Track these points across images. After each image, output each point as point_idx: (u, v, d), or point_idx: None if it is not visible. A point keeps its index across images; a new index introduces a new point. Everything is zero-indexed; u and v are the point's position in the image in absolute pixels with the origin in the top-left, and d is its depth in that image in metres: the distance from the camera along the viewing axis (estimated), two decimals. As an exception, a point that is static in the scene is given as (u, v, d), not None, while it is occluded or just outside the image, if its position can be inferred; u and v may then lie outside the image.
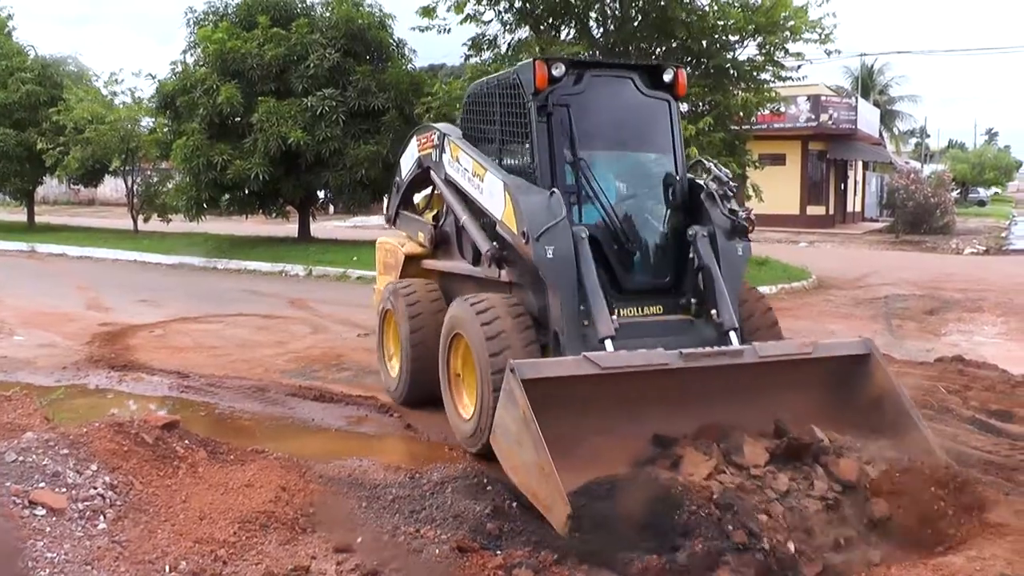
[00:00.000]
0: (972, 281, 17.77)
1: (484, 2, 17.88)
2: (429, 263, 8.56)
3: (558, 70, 6.51)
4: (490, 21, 18.33)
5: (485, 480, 5.83)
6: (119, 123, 27.19)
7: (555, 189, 6.26)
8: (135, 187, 28.80)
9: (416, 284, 8.12)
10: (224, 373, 9.40)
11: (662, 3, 17.10)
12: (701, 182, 6.85)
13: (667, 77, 6.96)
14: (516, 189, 6.43)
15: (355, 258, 20.07)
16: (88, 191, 46.48)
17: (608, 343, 5.79)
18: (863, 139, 41.37)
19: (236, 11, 23.82)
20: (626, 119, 7.01)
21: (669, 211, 6.95)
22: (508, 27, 18.41)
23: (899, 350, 10.53)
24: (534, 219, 6.14)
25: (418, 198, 9.34)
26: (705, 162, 6.97)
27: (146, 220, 28.39)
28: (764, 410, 5.79)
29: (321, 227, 28.66)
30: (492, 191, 6.78)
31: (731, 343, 6.11)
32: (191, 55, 23.74)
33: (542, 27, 18.44)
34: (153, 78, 24.61)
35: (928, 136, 78.77)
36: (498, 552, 4.83)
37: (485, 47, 18.77)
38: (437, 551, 4.82)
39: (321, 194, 25.25)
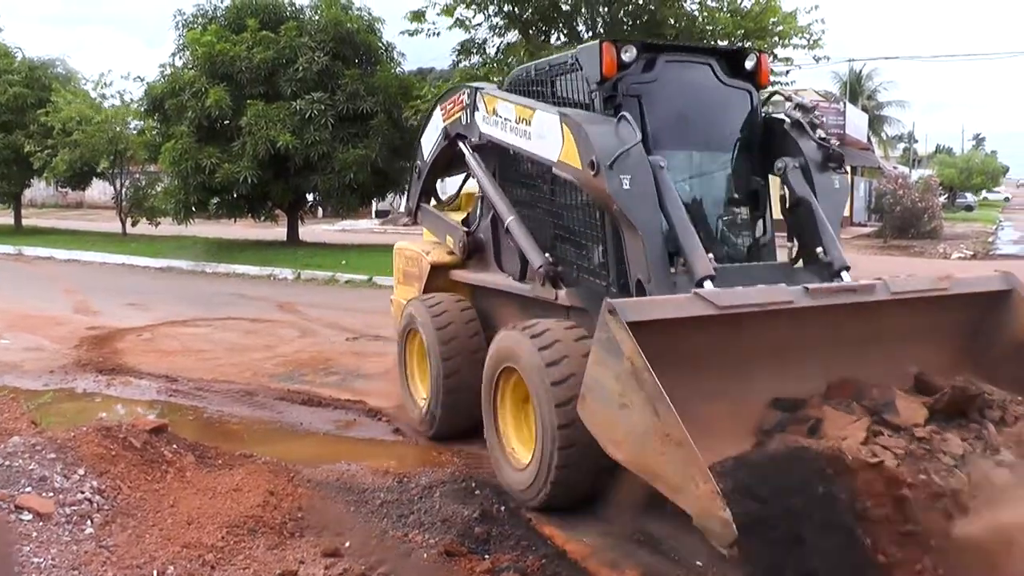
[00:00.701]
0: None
1: (473, 7, 17.92)
2: (460, 275, 7.44)
3: (628, 54, 5.51)
4: (479, 25, 18.39)
5: (473, 484, 5.86)
6: (107, 125, 27.12)
7: (625, 114, 5.24)
8: (123, 190, 28.71)
9: (446, 301, 7.09)
10: (212, 377, 9.37)
11: (651, 7, 17.18)
12: (781, 115, 6.04)
13: (749, 64, 5.99)
14: (575, 116, 5.43)
15: (344, 262, 20.06)
16: (76, 194, 46.32)
17: (708, 284, 4.81)
18: (851, 144, 41.40)
19: (225, 14, 23.83)
20: (704, 112, 5.96)
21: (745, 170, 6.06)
22: (497, 31, 18.48)
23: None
24: (603, 145, 5.10)
25: (444, 194, 8.50)
26: (782, 92, 6.08)
27: (134, 223, 28.29)
28: (894, 358, 4.95)
29: (310, 231, 28.61)
30: (544, 131, 5.73)
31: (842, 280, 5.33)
32: (180, 58, 23.77)
33: (531, 31, 18.51)
34: (142, 80, 24.60)
35: (916, 141, 79.15)
36: (486, 556, 4.85)
37: (474, 51, 18.83)
38: (425, 555, 4.84)
39: (310, 198, 25.25)
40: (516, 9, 17.80)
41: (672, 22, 17.20)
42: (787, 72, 18.83)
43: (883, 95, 64.34)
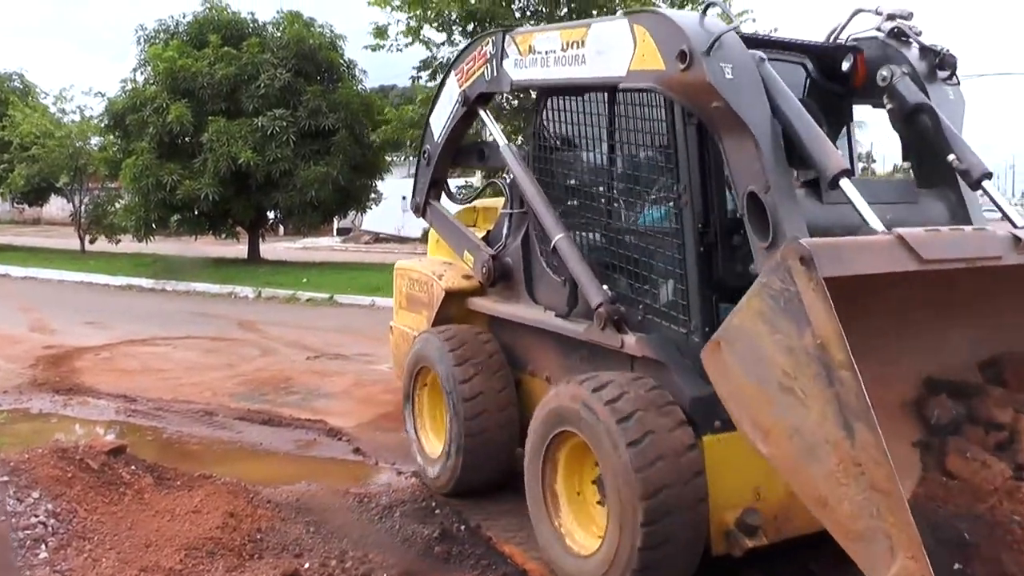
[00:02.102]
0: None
1: (434, 25, 17.99)
2: (481, 304, 6.34)
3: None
4: (441, 44, 18.45)
5: (433, 504, 5.88)
6: (68, 140, 26.86)
7: (715, 0, 4.36)
8: (83, 206, 28.41)
9: (464, 334, 6.06)
10: (172, 397, 9.29)
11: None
12: (872, 31, 5.01)
13: (846, 65, 4.97)
14: (653, 11, 4.55)
15: (305, 280, 19.97)
16: (33, 210, 45.64)
17: (849, 187, 3.89)
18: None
19: (187, 29, 23.76)
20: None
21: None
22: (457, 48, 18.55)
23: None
24: (695, 31, 4.11)
25: (456, 207, 7.23)
26: (863, 8, 5.01)
27: (92, 240, 27.99)
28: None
29: (271, 248, 28.45)
30: (605, 44, 4.72)
31: (991, 198, 4.56)
32: (141, 73, 23.61)
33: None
34: (103, 96, 24.41)
35: (874, 161, 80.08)
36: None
37: (438, 69, 18.91)
38: (385, 575, 4.83)
39: (271, 215, 25.15)
40: (479, 28, 17.87)
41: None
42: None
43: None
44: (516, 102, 16.50)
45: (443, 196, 7.21)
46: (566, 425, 4.64)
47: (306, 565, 4.90)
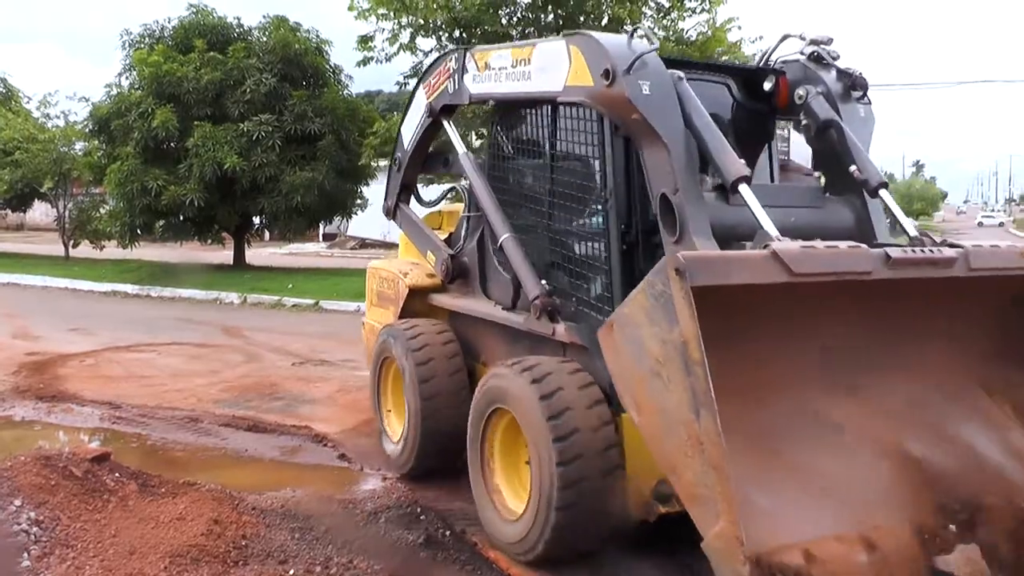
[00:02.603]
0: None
1: (422, 33, 18.02)
2: (441, 300, 6.92)
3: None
4: (429, 51, 18.47)
5: (418, 509, 5.88)
6: (51, 145, 26.76)
7: (639, 26, 4.92)
8: (67, 212, 28.29)
9: (424, 328, 6.60)
10: (157, 403, 9.26)
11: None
12: (795, 54, 5.58)
13: (767, 85, 5.53)
14: (586, 34, 4.98)
15: (290, 285, 19.95)
16: (16, 215, 45.53)
17: (747, 192, 4.39)
18: (795, 170, 41.91)
19: (172, 34, 23.76)
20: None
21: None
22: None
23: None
24: (618, 52, 4.63)
25: (423, 211, 7.77)
26: (790, 34, 5.64)
27: (75, 245, 27.89)
28: (938, 325, 4.47)
29: (256, 254, 28.41)
30: (547, 62, 5.25)
31: (888, 205, 5.07)
32: (126, 78, 23.58)
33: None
34: (87, 101, 24.35)
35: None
36: (431, 582, 4.87)
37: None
38: (370, 582, 4.84)
39: (256, 220, 25.11)
40: (465, 35, 17.91)
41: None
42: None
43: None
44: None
45: (412, 200, 7.74)
46: (499, 403, 5.24)
47: (291, 572, 4.90)
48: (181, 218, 22.77)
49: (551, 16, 18.04)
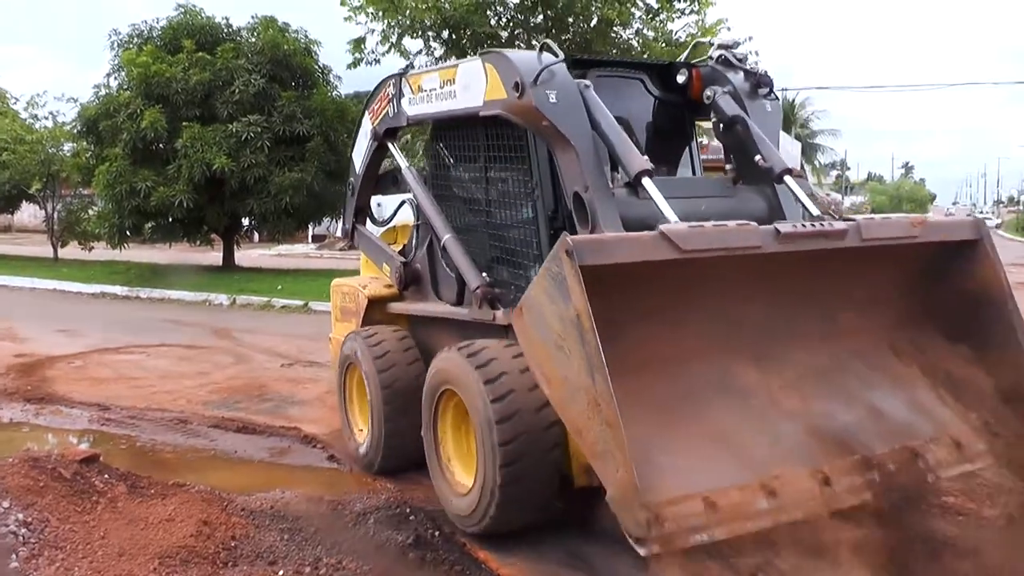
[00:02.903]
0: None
1: (410, 34, 18.04)
2: (398, 307, 7.25)
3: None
4: (418, 52, 18.49)
5: (407, 510, 5.89)
6: (39, 146, 26.66)
7: (547, 41, 5.29)
8: (55, 213, 28.19)
9: (382, 332, 6.91)
10: (146, 405, 9.25)
11: (588, 37, 17.42)
12: (705, 59, 6.11)
13: (681, 78, 6.07)
14: (497, 52, 5.49)
15: (279, 287, 19.93)
16: (4, 217, 45.37)
17: (649, 184, 4.82)
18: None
19: (161, 35, 23.64)
20: (638, 129, 6.04)
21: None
22: (436, 60, 18.59)
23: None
24: (525, 66, 5.12)
25: (379, 230, 8.02)
26: (700, 40, 6.42)
27: (63, 245, 27.80)
28: (845, 297, 4.89)
29: (245, 255, 28.36)
30: (468, 80, 5.73)
31: (792, 191, 5.40)
32: (115, 78, 23.49)
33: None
34: (75, 102, 24.26)
35: (848, 168, 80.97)
36: (420, 582, 4.89)
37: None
38: (359, 583, 4.85)
39: (245, 222, 25.05)
40: (454, 36, 17.93)
41: (608, 51, 17.46)
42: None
43: (816, 124, 65.84)
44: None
45: (368, 221, 8.10)
46: (448, 384, 5.61)
47: (280, 572, 4.91)
48: (170, 219, 22.69)
49: (540, 17, 18.08)
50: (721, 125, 5.76)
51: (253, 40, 23.36)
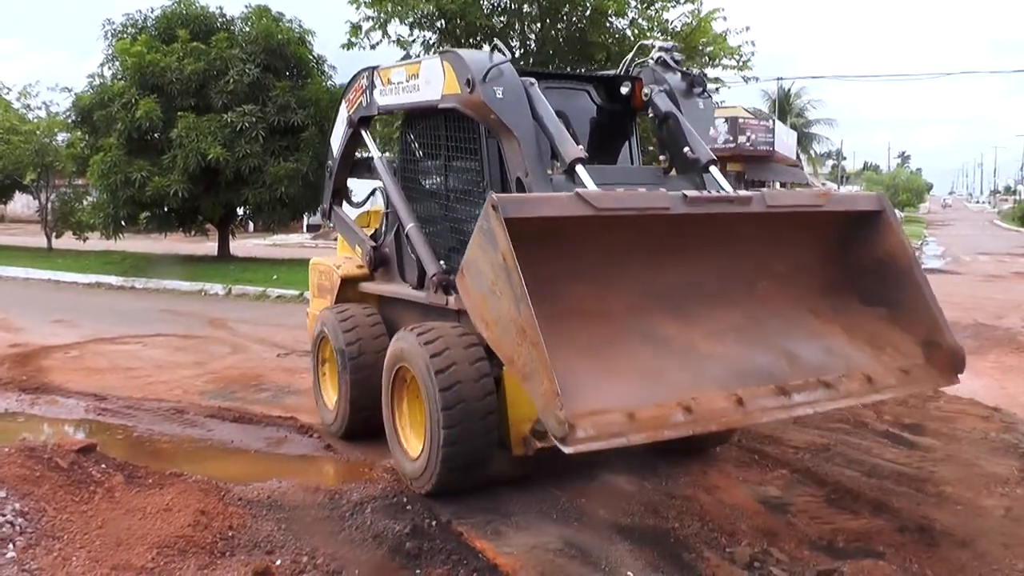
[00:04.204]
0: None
1: (407, 24, 17.99)
2: (368, 287, 7.85)
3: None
4: (413, 42, 18.45)
5: (404, 499, 5.90)
6: (33, 136, 26.56)
7: (497, 43, 5.95)
8: (49, 203, 28.11)
9: (353, 309, 7.52)
10: (142, 395, 9.25)
11: (582, 26, 17.38)
12: (645, 60, 6.74)
13: (624, 89, 6.71)
14: (453, 50, 6.13)
15: (275, 276, 19.90)
16: (-3, 207, 45.24)
17: (581, 170, 5.44)
18: (780, 160, 42.35)
19: (155, 24, 23.55)
20: (583, 134, 6.57)
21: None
22: (431, 49, 18.56)
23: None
24: (476, 65, 5.78)
25: (355, 212, 8.72)
26: (645, 43, 7.04)
27: (58, 237, 27.74)
28: (764, 265, 5.57)
29: (240, 245, 28.32)
30: (430, 75, 6.33)
31: (716, 180, 5.96)
32: (109, 68, 23.40)
33: (463, 47, 18.63)
34: (70, 91, 24.16)
35: (844, 158, 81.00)
36: (417, 571, 4.91)
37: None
38: (356, 572, 4.87)
39: (240, 211, 24.98)
40: (448, 25, 17.88)
41: (603, 40, 17.43)
42: (716, 91, 19.16)
43: (811, 113, 65.79)
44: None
45: (344, 203, 8.81)
46: (402, 362, 6.15)
47: (277, 562, 4.92)
48: (165, 209, 22.63)
49: (534, 7, 18.03)
50: (656, 120, 6.37)
51: (247, 30, 23.27)
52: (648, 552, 5.17)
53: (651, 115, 6.44)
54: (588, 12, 17.78)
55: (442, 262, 6.53)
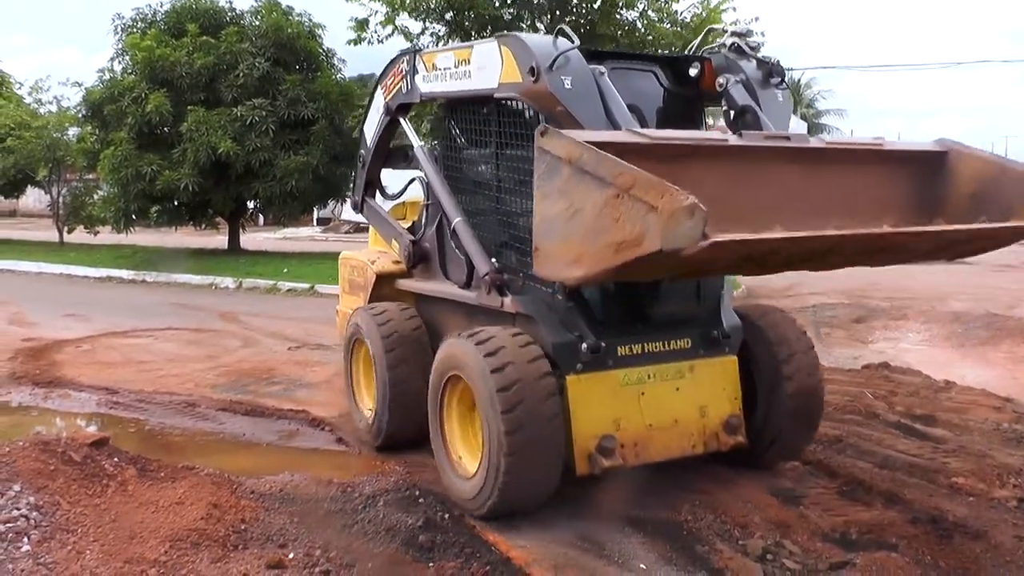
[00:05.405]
0: (897, 290, 18.23)
1: (414, 16, 17.94)
2: (406, 284, 7.32)
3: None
4: (420, 34, 18.40)
5: (417, 492, 5.89)
6: (44, 131, 26.64)
7: (562, 27, 5.35)
8: (61, 198, 28.20)
9: (391, 309, 6.98)
10: (154, 388, 9.27)
11: (592, 18, 17.32)
12: (717, 46, 6.05)
13: (693, 72, 6.07)
14: (511, 34, 5.58)
15: (285, 270, 19.94)
16: (9, 202, 45.31)
17: None
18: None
19: (165, 18, 23.59)
20: (648, 116, 5.99)
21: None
22: (440, 41, 18.52)
23: (828, 358, 10.76)
24: (542, 51, 5.21)
25: (388, 204, 8.18)
26: (714, 27, 6.27)
27: (70, 231, 27.82)
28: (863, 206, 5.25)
29: (251, 239, 28.36)
30: (484, 61, 5.78)
31: None
32: (119, 63, 23.43)
33: (472, 40, 18.58)
34: (80, 86, 24.22)
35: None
36: (430, 564, 4.89)
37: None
38: (370, 565, 4.86)
39: (251, 205, 25.04)
40: (457, 18, 17.84)
41: (613, 32, 17.37)
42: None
43: (822, 103, 65.33)
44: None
45: (377, 194, 8.27)
46: (455, 370, 5.62)
47: (291, 555, 4.92)
48: (175, 203, 22.69)
49: (544, -1, 17.96)
50: (732, 113, 5.74)
51: (257, 23, 23.27)
52: (661, 545, 5.17)
53: (725, 107, 5.80)
54: (598, 4, 17.71)
55: (493, 259, 6.03)
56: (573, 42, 5.21)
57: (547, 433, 5.15)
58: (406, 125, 7.32)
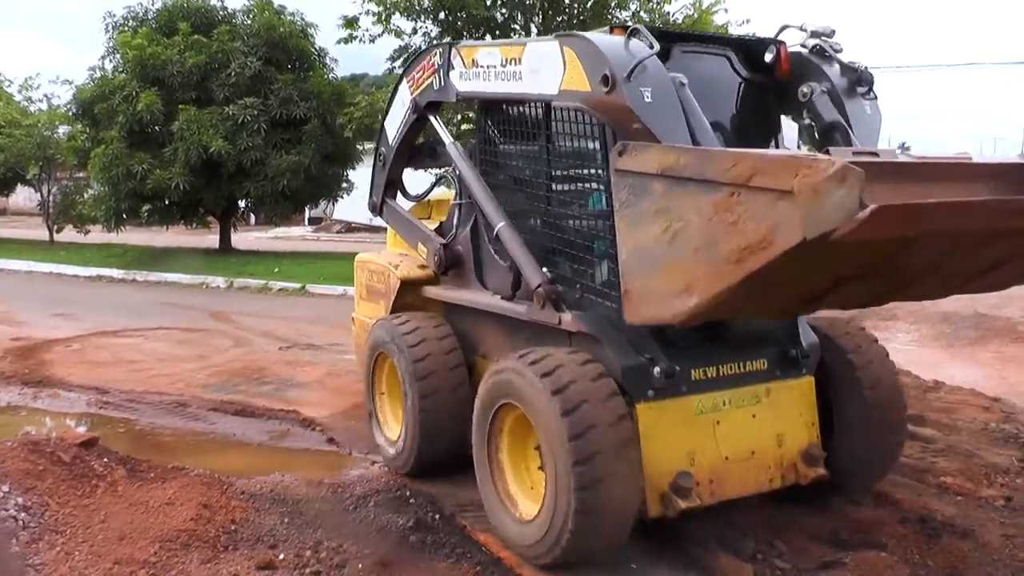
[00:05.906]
0: (884, 290, 18.27)
1: (406, 16, 17.94)
2: (435, 292, 6.58)
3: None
4: (413, 34, 18.39)
5: (408, 493, 5.89)
6: (35, 129, 26.54)
7: (638, 27, 4.60)
8: (51, 196, 28.10)
9: (419, 322, 6.24)
10: (144, 388, 9.24)
11: (584, 19, 17.33)
12: (796, 47, 5.34)
13: (768, 56, 5.30)
14: (578, 35, 4.76)
15: (276, 270, 19.91)
16: (-2, 200, 45.22)
17: None
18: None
19: (156, 17, 23.54)
20: (725, 107, 5.32)
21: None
22: (431, 40, 18.52)
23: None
24: (618, 57, 4.40)
25: (408, 205, 7.48)
26: (789, 25, 5.36)
27: (60, 230, 27.74)
28: None
29: (242, 238, 28.30)
30: (539, 63, 5.00)
31: None
32: (110, 61, 23.37)
33: (465, 39, 18.58)
34: (70, 84, 24.15)
35: (909, 148, 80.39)
36: (421, 565, 4.89)
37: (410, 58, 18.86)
38: (360, 565, 4.85)
39: (242, 204, 24.99)
40: (450, 17, 17.83)
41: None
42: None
43: (811, 104, 65.50)
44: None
45: (398, 194, 7.51)
46: (507, 397, 4.92)
47: (281, 556, 4.91)
48: (167, 202, 22.63)
49: (537, -1, 17.96)
50: (816, 130, 5.07)
51: (249, 22, 23.23)
52: (652, 545, 5.17)
53: (808, 121, 5.13)
54: (590, 4, 17.73)
55: (545, 269, 5.23)
56: (652, 47, 4.45)
57: (623, 462, 4.43)
58: (437, 123, 6.58)
